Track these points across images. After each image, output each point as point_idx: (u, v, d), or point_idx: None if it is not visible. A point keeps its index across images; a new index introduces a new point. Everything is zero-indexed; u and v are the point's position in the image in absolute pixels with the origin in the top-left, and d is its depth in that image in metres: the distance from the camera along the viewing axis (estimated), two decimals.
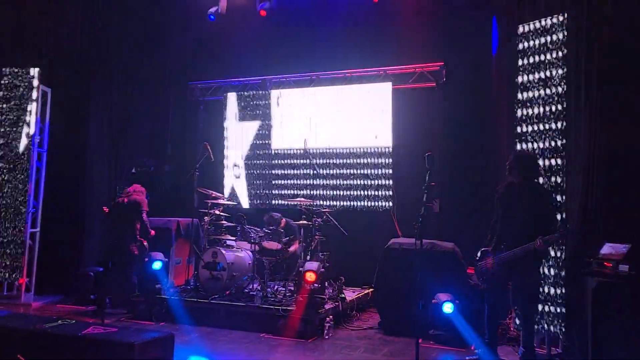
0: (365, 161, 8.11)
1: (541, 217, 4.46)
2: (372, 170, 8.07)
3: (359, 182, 8.15)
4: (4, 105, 7.55)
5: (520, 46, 5.55)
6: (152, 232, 6.77)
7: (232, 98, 9.06)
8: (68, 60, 8.15)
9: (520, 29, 5.57)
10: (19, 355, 3.17)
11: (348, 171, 8.22)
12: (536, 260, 4.56)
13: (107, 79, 8.44)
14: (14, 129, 7.49)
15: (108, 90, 8.45)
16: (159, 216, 7.63)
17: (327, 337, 5.72)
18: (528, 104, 5.44)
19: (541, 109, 5.33)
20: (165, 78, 9.21)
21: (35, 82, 7.53)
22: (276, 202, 8.54)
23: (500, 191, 4.77)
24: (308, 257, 6.67)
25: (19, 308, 6.73)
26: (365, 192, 8.11)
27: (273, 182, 8.67)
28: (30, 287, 7.38)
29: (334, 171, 8.27)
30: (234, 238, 6.98)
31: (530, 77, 5.46)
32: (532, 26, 5.48)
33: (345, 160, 8.24)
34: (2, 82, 7.58)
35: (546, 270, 5.09)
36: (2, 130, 7.51)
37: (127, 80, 8.73)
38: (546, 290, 5.09)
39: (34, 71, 7.55)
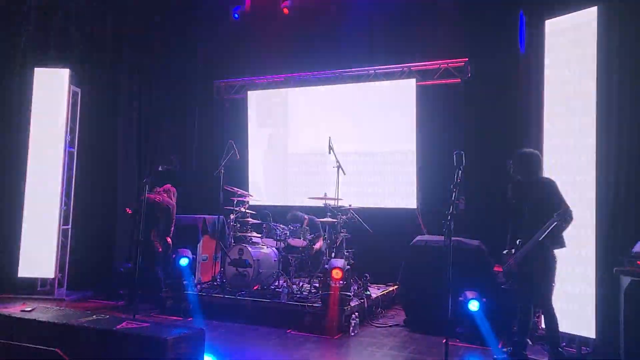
0: (390, 159, 8.08)
1: (546, 207, 4.46)
2: (397, 168, 8.04)
3: (383, 180, 8.14)
4: (38, 106, 7.72)
5: (549, 41, 5.46)
6: (169, 239, 6.87)
7: (255, 96, 9.12)
8: (98, 60, 8.31)
9: (548, 24, 5.47)
10: (57, 349, 3.25)
11: (373, 169, 8.20)
12: (543, 250, 4.49)
13: (135, 77, 8.57)
14: (47, 128, 7.66)
15: (136, 89, 8.58)
16: (186, 213, 7.73)
17: (352, 334, 5.73)
18: (557, 100, 5.35)
19: (571, 105, 5.23)
20: (191, 76, 9.32)
21: (66, 82, 7.68)
22: (300, 199, 8.56)
23: (510, 191, 4.79)
24: (333, 254, 6.69)
25: (53, 303, 6.89)
26: (390, 190, 8.08)
27: (296, 179, 8.70)
28: (62, 283, 7.55)
29: (359, 169, 8.26)
30: (259, 235, 7.04)
31: (559, 72, 5.37)
32: (561, 19, 5.38)
33: (370, 158, 8.23)
34: (35, 81, 7.75)
35: (576, 269, 5.01)
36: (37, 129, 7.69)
37: (155, 79, 8.86)
38: (577, 289, 5.01)
39: (65, 71, 7.70)
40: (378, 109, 8.22)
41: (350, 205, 7.05)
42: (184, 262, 6.72)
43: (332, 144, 6.86)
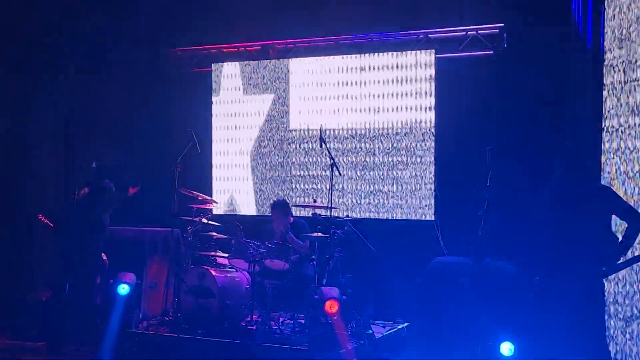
0: (400, 158, 8.14)
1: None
2: (409, 168, 8.10)
3: (391, 183, 8.18)
4: None
5: (612, 10, 5.49)
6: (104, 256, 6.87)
7: (226, 70, 9.12)
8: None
9: None
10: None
11: (377, 168, 8.24)
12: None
13: (56, 53, 8.49)
14: None
15: (57, 67, 8.51)
16: (128, 225, 7.68)
17: None
18: (618, 89, 5.40)
19: (638, 97, 5.30)
20: (134, 45, 9.26)
21: None
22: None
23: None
24: (324, 281, 6.72)
25: None
26: (399, 196, 8.13)
27: (277, 180, 8.72)
28: None
29: (359, 168, 8.32)
30: (226, 255, 7.04)
31: (623, 51, 5.42)
32: None
33: (373, 155, 8.28)
34: None
35: None
36: None
37: (83, 52, 8.79)
38: None
39: None
40: (385, 89, 8.24)
41: (347, 216, 7.07)
42: (124, 290, 6.70)
43: (324, 135, 6.89)
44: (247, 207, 8.91)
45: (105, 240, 6.91)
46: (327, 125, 6.83)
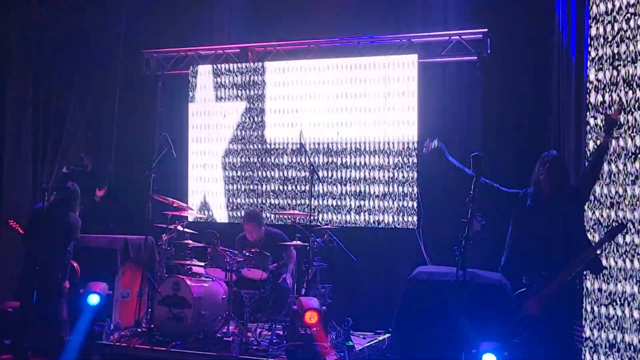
0: (382, 161, 8.07)
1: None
2: (391, 173, 8.03)
3: (372, 189, 8.11)
4: None
5: (595, 10, 5.53)
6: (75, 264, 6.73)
7: (201, 72, 9.01)
8: None
9: None
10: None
11: (358, 174, 8.16)
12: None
13: (26, 50, 8.34)
14: None
15: (28, 67, 8.36)
16: (100, 233, 7.58)
17: None
18: (604, 88, 5.41)
19: (623, 95, 5.29)
20: (110, 46, 9.16)
21: None
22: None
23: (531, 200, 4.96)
24: (303, 291, 6.64)
25: None
26: (381, 203, 8.06)
27: (254, 187, 8.62)
28: None
29: (339, 174, 8.22)
30: (202, 264, 6.93)
31: (608, 51, 5.43)
32: None
33: (354, 160, 8.19)
34: None
35: None
36: None
37: (57, 52, 8.66)
38: None
39: None
40: (367, 93, 8.20)
41: (327, 224, 7.03)
42: (94, 299, 6.56)
43: (303, 139, 6.82)
44: (224, 214, 8.79)
45: (76, 247, 6.72)
46: (307, 133, 6.80)
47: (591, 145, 5.56)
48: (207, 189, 8.90)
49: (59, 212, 6.59)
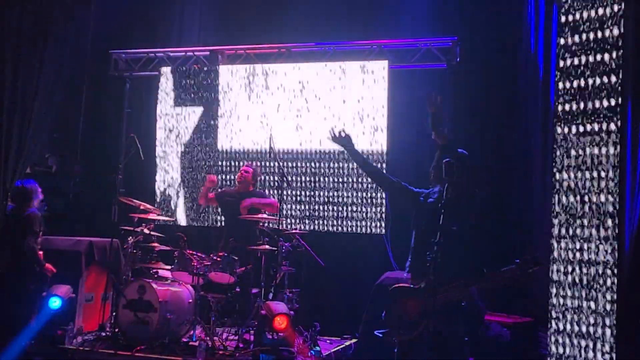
0: (351, 166, 8.13)
1: None
2: (359, 179, 8.09)
3: (340, 195, 8.16)
4: None
5: (563, 19, 5.64)
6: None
7: (168, 74, 9.01)
8: None
9: None
10: None
11: (326, 180, 8.21)
12: None
13: None
14: None
15: None
16: (64, 234, 7.51)
17: None
18: (569, 97, 5.52)
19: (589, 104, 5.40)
20: (77, 46, 9.06)
21: None
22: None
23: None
24: (270, 296, 6.64)
25: None
26: (349, 209, 8.12)
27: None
28: None
29: (307, 180, 8.26)
30: (169, 267, 6.90)
31: (575, 60, 5.54)
32: None
33: (322, 165, 8.25)
34: None
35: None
36: None
37: (22, 47, 8.55)
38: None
39: None
40: (337, 98, 8.25)
41: (295, 229, 7.04)
42: (55, 303, 6.48)
43: (273, 143, 6.85)
44: (191, 216, 8.77)
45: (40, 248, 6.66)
46: (276, 137, 6.86)
47: (558, 152, 5.65)
48: (173, 192, 8.88)
49: (14, 210, 6.58)
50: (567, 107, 5.57)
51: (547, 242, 5.34)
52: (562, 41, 5.66)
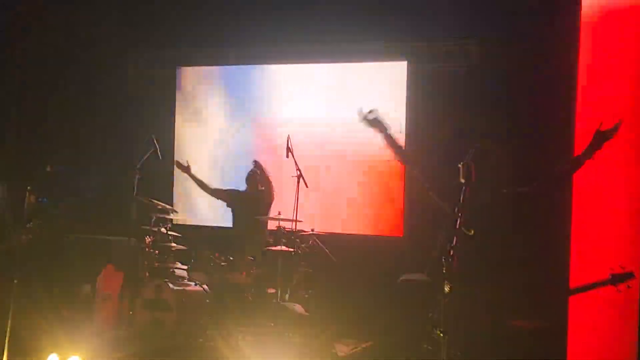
0: (369, 168, 8.16)
1: None
2: (378, 180, 8.12)
3: (359, 196, 8.19)
4: None
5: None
6: None
7: (187, 74, 9.09)
8: None
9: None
10: None
11: (345, 181, 8.25)
12: None
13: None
14: None
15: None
16: (83, 232, 7.66)
17: None
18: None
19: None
20: (94, 43, 9.14)
21: None
22: None
23: None
24: (287, 296, 6.67)
25: None
26: (369, 210, 8.14)
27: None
28: None
29: (325, 182, 8.31)
30: (185, 267, 6.96)
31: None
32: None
33: (342, 166, 8.29)
34: None
35: None
36: None
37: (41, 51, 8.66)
38: None
39: None
40: (354, 99, 8.23)
41: (312, 230, 7.07)
42: None
43: (291, 144, 6.87)
44: (209, 217, 8.81)
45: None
46: (293, 137, 6.90)
47: None
48: (192, 192, 8.93)
49: None
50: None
51: None
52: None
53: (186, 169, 7.60)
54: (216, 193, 7.78)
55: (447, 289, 3.98)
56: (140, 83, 9.35)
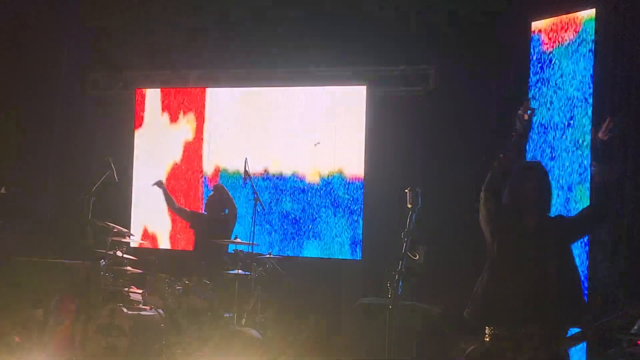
0: (327, 190, 8.27)
1: None
2: (337, 202, 8.23)
3: (317, 219, 8.30)
4: None
5: (535, 48, 5.88)
6: None
7: (147, 94, 9.14)
8: None
9: (535, 26, 5.91)
10: None
11: (303, 203, 8.35)
12: None
13: None
14: None
15: None
16: (37, 255, 7.56)
17: None
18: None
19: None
20: (52, 62, 9.13)
21: None
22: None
23: None
24: (243, 321, 6.71)
25: None
26: (326, 234, 8.24)
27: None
28: None
29: (282, 205, 8.40)
30: (140, 291, 6.97)
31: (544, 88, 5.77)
32: (548, 22, 5.82)
33: (299, 188, 8.38)
34: None
35: None
36: None
37: None
38: None
39: None
40: (314, 123, 8.37)
41: (270, 254, 7.10)
42: None
43: (248, 167, 6.95)
44: (165, 240, 8.86)
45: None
46: (251, 161, 6.96)
47: None
48: (148, 215, 8.95)
49: None
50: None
51: None
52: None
53: (160, 184, 7.89)
54: (180, 212, 8.02)
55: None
56: (99, 103, 9.34)
